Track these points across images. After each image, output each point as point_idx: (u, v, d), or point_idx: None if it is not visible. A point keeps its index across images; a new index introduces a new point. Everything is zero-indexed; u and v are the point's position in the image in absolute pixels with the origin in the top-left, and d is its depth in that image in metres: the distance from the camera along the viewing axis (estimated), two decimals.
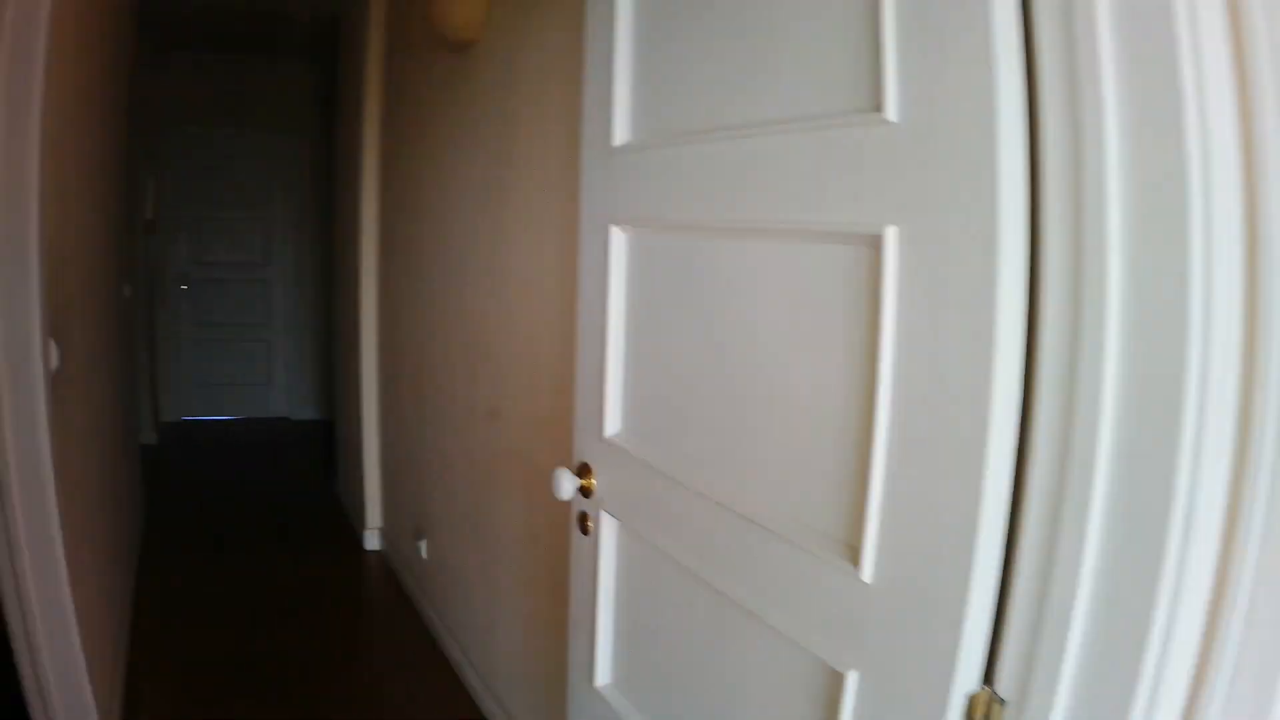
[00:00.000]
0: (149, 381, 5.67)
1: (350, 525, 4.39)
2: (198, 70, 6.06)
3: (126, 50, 3.88)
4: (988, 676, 0.84)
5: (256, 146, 6.38)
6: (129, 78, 4.12)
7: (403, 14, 3.55)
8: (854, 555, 0.94)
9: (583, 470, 1.55)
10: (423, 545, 3.33)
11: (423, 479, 3.37)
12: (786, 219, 1.03)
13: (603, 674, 1.53)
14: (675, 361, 1.29)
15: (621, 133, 1.39)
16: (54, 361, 1.96)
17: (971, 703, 0.84)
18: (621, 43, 1.38)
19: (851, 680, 0.94)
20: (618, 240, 1.39)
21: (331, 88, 5.26)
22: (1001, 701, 0.82)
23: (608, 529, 1.48)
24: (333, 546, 4.17)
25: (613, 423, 1.47)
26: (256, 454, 5.77)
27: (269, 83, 6.27)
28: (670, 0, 1.27)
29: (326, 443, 5.76)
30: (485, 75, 2.50)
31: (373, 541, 4.13)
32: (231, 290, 6.52)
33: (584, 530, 1.55)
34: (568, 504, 1.60)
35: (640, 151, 1.34)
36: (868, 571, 0.92)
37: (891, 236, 0.87)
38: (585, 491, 1.54)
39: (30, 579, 1.90)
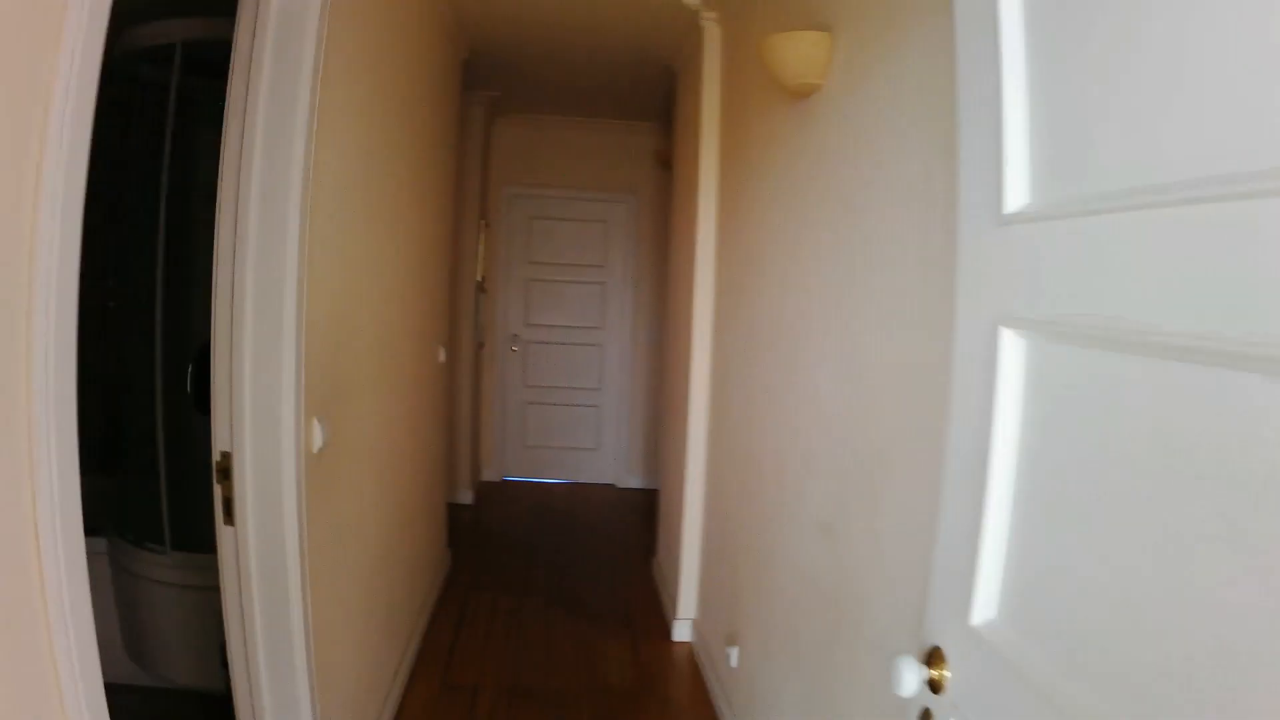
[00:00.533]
0: (471, 441, 5.98)
1: (662, 609, 4.20)
2: (532, 130, 6.40)
3: (451, 113, 4.14)
4: None
5: (592, 208, 6.57)
6: (457, 140, 4.42)
7: (739, 65, 3.38)
8: None
9: (933, 657, 1.11)
10: (733, 653, 3.00)
11: (740, 581, 3.06)
12: None
13: None
14: (1110, 540, 0.83)
15: (1017, 194, 0.98)
16: (317, 442, 1.97)
17: None
18: (1012, 72, 0.97)
19: None
20: (1011, 348, 0.96)
21: (670, 147, 5.28)
22: None
23: None
24: (639, 629, 3.99)
25: (985, 604, 1.02)
26: (575, 519, 5.83)
27: (605, 143, 6.46)
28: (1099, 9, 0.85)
29: (650, 514, 5.70)
30: (829, 126, 2.17)
31: (683, 632, 3.88)
32: (562, 353, 6.70)
33: None
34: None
35: (1050, 220, 0.91)
36: None
37: None
38: (934, 686, 1.10)
39: (264, 669, 1.87)
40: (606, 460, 6.79)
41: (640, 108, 5.93)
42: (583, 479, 6.76)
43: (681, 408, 3.94)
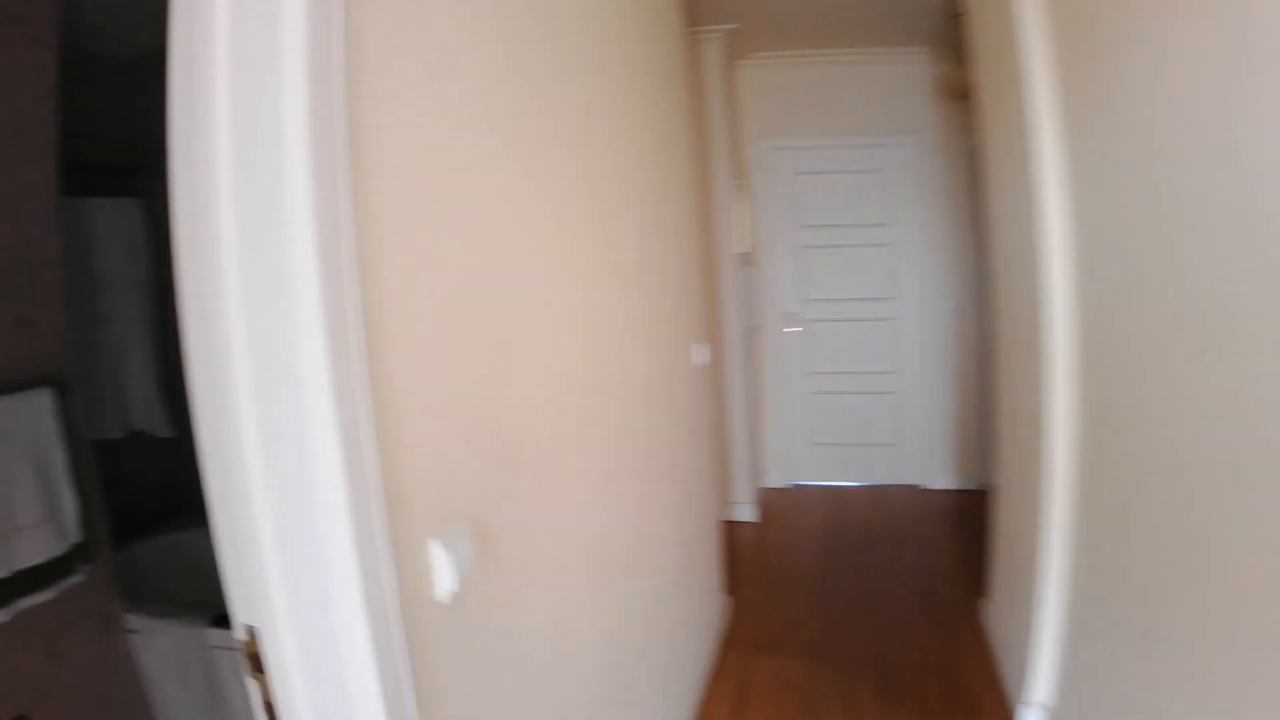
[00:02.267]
0: (749, 444, 5.11)
1: (997, 680, 3.08)
2: (782, 70, 5.32)
3: (673, 48, 3.21)
4: None
5: (864, 156, 5.39)
6: (688, 84, 3.52)
7: None
8: None
9: None
10: None
11: (1151, 663, 1.94)
12: None
13: None
14: None
15: None
16: (447, 582, 1.23)
17: None
18: None
19: None
20: None
21: (959, 72, 4.08)
22: None
23: None
24: (963, 706, 2.92)
25: None
26: (874, 534, 4.75)
27: (872, 77, 5.25)
28: None
29: (968, 523, 4.54)
30: None
31: None
32: (848, 331, 5.60)
33: None
34: None
35: None
36: None
37: None
38: None
39: None
40: (908, 457, 5.63)
41: (909, 30, 4.74)
42: (880, 480, 5.67)
43: (1028, 398, 2.81)
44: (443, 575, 1.23)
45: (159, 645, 2.40)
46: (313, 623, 1.06)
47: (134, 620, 2.41)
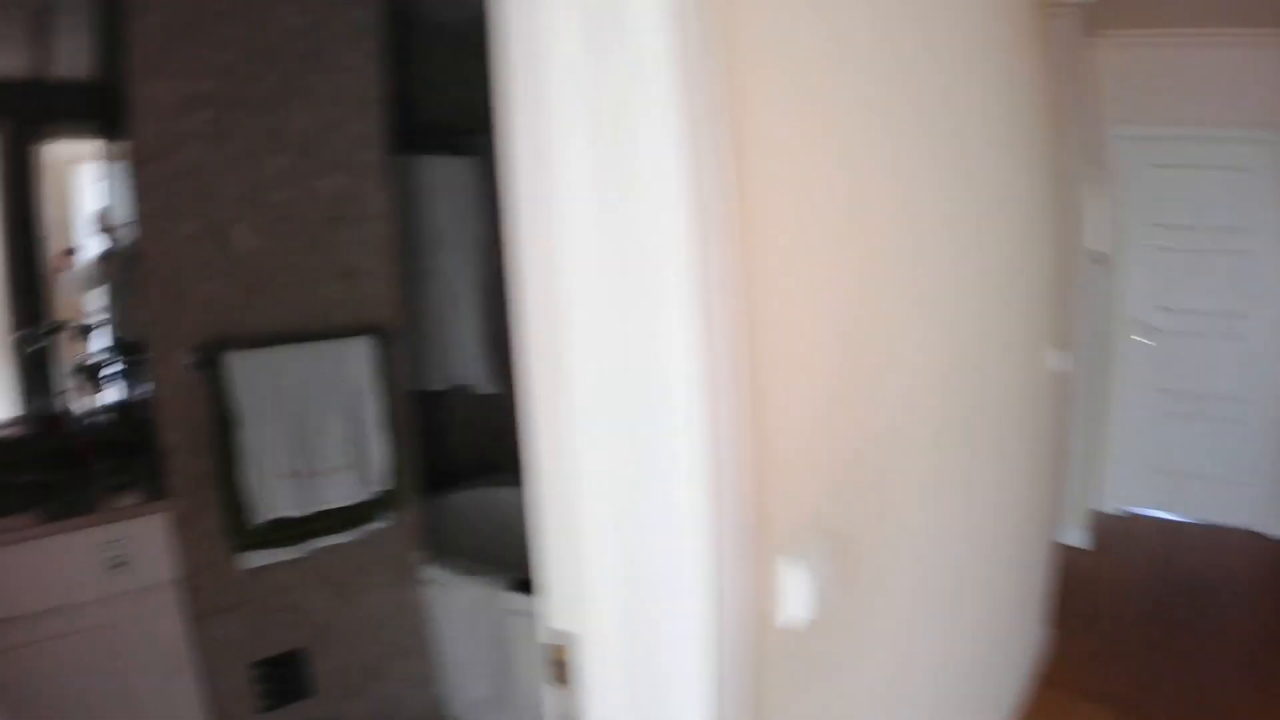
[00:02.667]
0: (1085, 461, 4.40)
1: None
2: (1146, 49, 4.43)
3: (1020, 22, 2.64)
4: None
5: (1233, 154, 4.43)
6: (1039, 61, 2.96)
7: None
8: None
9: None
10: None
11: None
12: None
13: None
14: None
15: None
16: (800, 607, 0.95)
17: None
18: None
19: None
20: None
21: None
22: None
23: None
24: None
25: None
26: (1209, 580, 3.87)
27: (1245, 60, 4.28)
28: None
29: None
30: None
31: None
32: (1198, 348, 4.64)
33: None
34: None
35: None
36: None
37: None
38: None
39: None
40: (1252, 498, 4.58)
41: None
42: (1216, 519, 4.65)
43: None
44: (793, 599, 1.00)
45: (454, 600, 2.41)
46: (644, 641, 0.88)
47: (432, 572, 2.43)
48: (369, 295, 2.26)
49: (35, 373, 2.37)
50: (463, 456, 3.19)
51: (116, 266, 2.28)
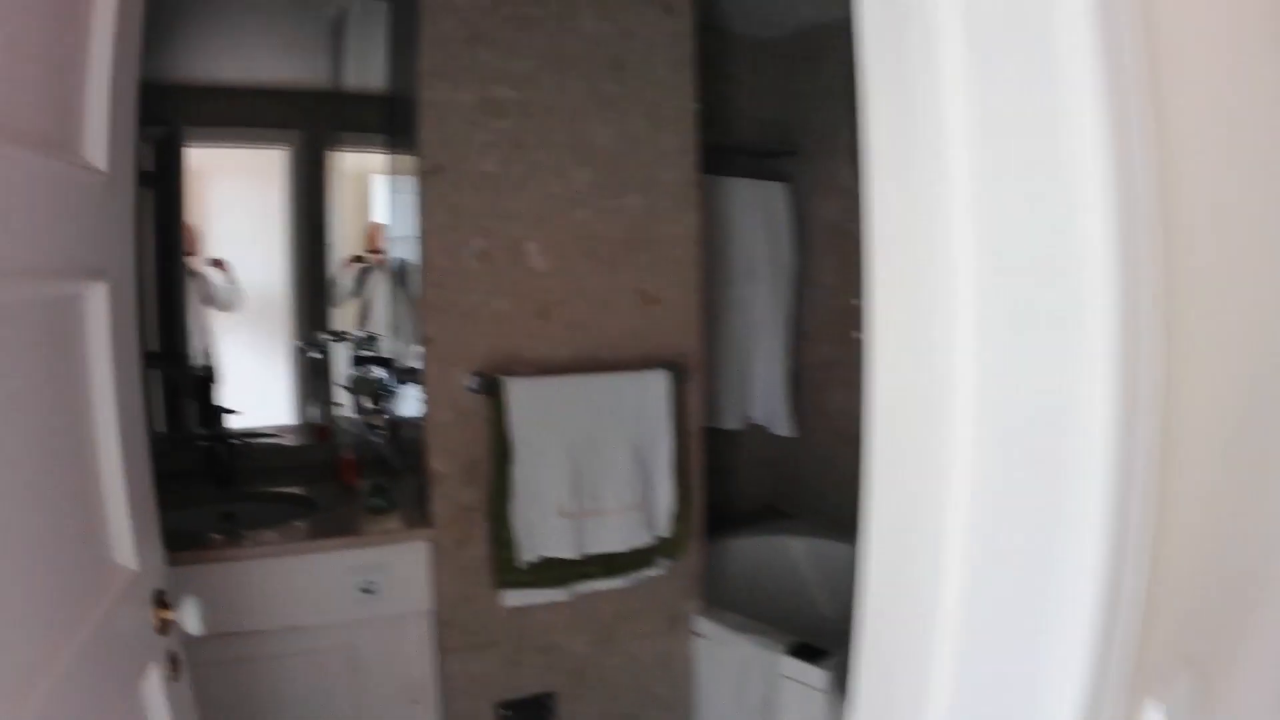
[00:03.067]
0: None
1: None
2: None
3: None
4: None
5: None
6: None
7: None
8: None
9: None
10: None
11: None
12: None
13: None
14: None
15: None
16: None
17: None
18: None
19: None
20: None
21: None
22: None
23: None
24: None
25: None
26: None
27: None
28: None
29: None
30: None
31: None
32: None
33: None
34: None
35: None
36: None
37: None
38: None
39: None
40: None
41: None
42: None
43: None
44: None
45: (723, 657, 2.19)
46: None
47: (704, 624, 2.23)
48: (667, 325, 2.07)
49: (309, 381, 2.45)
50: (748, 500, 2.96)
51: (400, 280, 2.30)
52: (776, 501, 2.99)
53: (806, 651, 1.96)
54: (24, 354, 0.84)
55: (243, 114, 2.30)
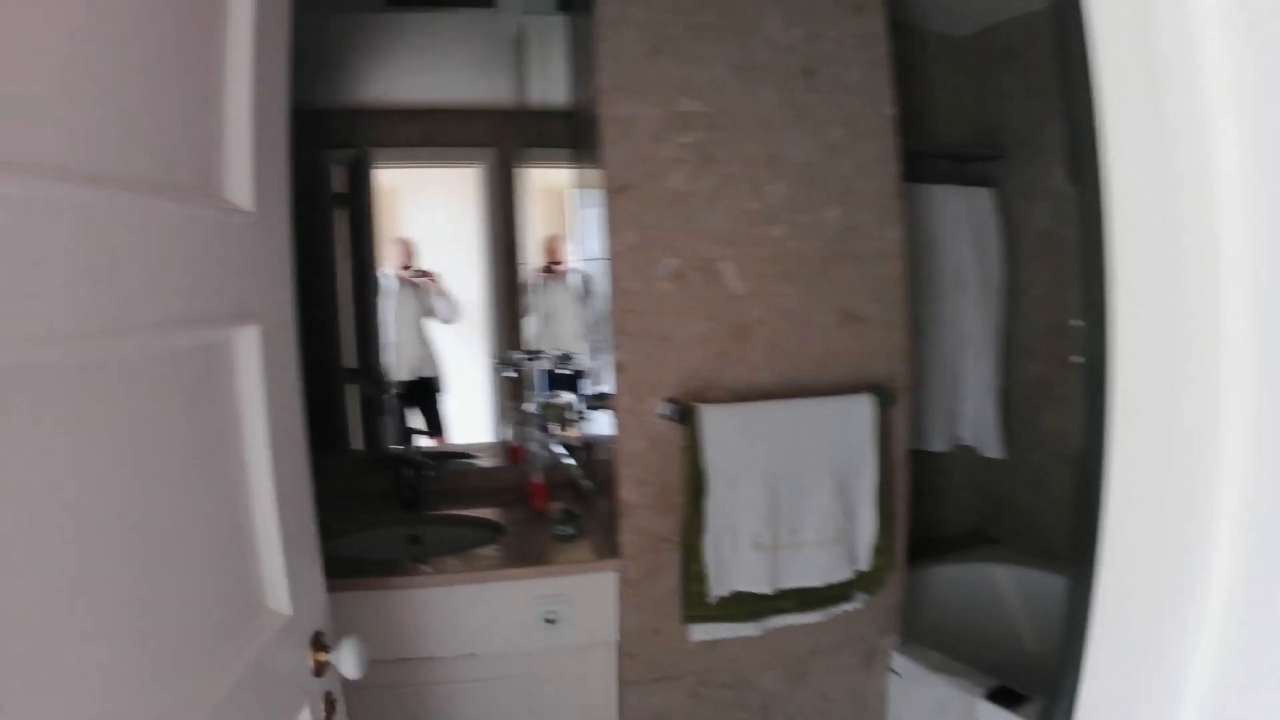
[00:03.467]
0: None
1: None
2: None
3: None
4: None
5: None
6: None
7: None
8: None
9: None
10: None
11: None
12: None
13: None
14: None
15: None
16: None
17: None
18: None
19: None
20: None
21: None
22: None
23: None
24: None
25: None
26: None
27: None
28: None
29: None
30: None
31: None
32: None
33: None
34: None
35: None
36: None
37: None
38: None
39: None
40: None
41: None
42: None
43: None
44: None
45: (919, 696, 2.03)
46: None
47: (900, 661, 2.07)
48: (872, 345, 1.93)
49: (502, 399, 2.47)
50: (953, 526, 2.75)
51: (588, 301, 2.27)
52: (984, 527, 2.77)
53: (1006, 696, 1.81)
54: (170, 405, 0.83)
55: (432, 133, 2.36)
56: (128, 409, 0.76)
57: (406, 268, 2.36)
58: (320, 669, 1.08)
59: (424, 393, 2.46)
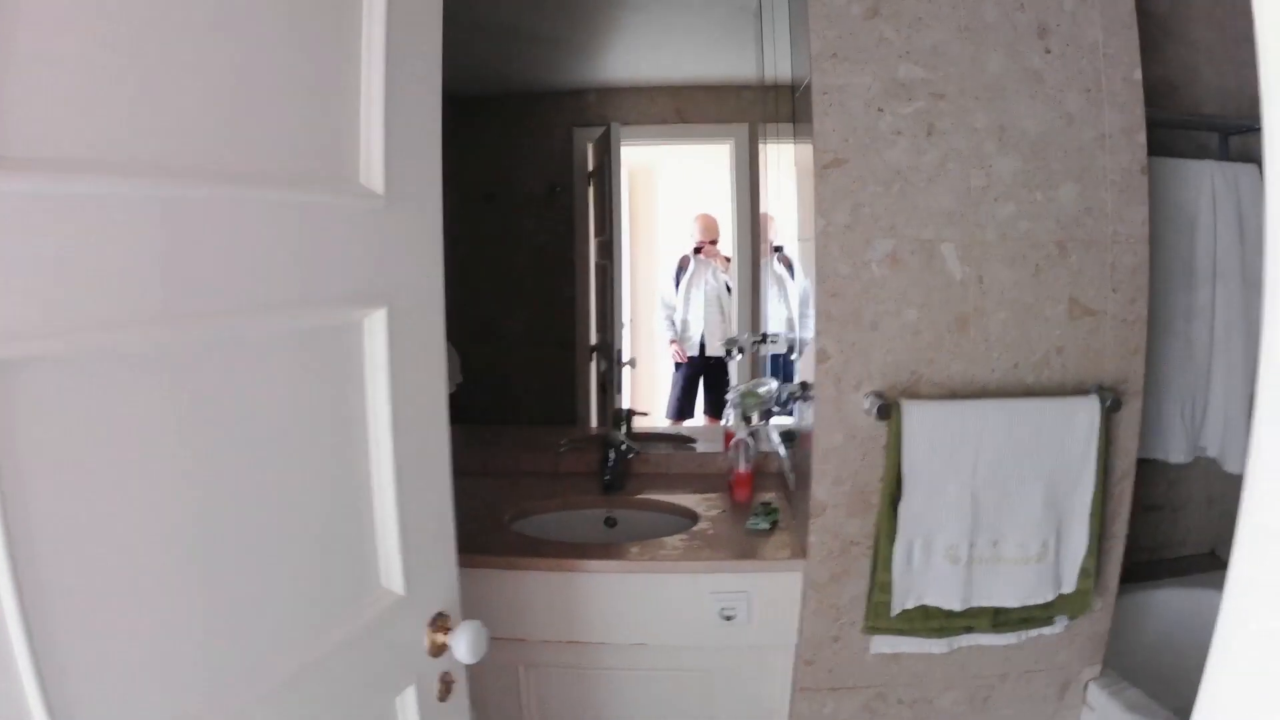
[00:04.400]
0: None
1: None
2: None
3: None
4: None
5: None
6: None
7: None
8: None
9: None
10: None
11: None
12: None
13: None
14: None
15: None
16: None
17: None
18: None
19: None
20: None
21: None
22: None
23: None
24: None
25: None
26: None
27: None
28: None
29: None
30: None
31: None
32: None
33: None
34: None
35: None
36: None
37: None
38: None
39: None
40: None
41: None
42: None
43: None
44: None
45: None
46: None
47: (1097, 696, 1.86)
48: (1104, 339, 1.70)
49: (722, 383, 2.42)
50: (1187, 546, 2.47)
51: (784, 280, 2.16)
52: (1220, 550, 2.47)
53: None
54: (294, 383, 0.88)
55: (684, 110, 2.39)
56: (251, 384, 0.82)
57: (713, 243, 2.40)
58: (438, 649, 1.10)
59: (713, 372, 2.49)
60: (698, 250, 2.44)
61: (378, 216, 0.98)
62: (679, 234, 2.45)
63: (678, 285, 2.46)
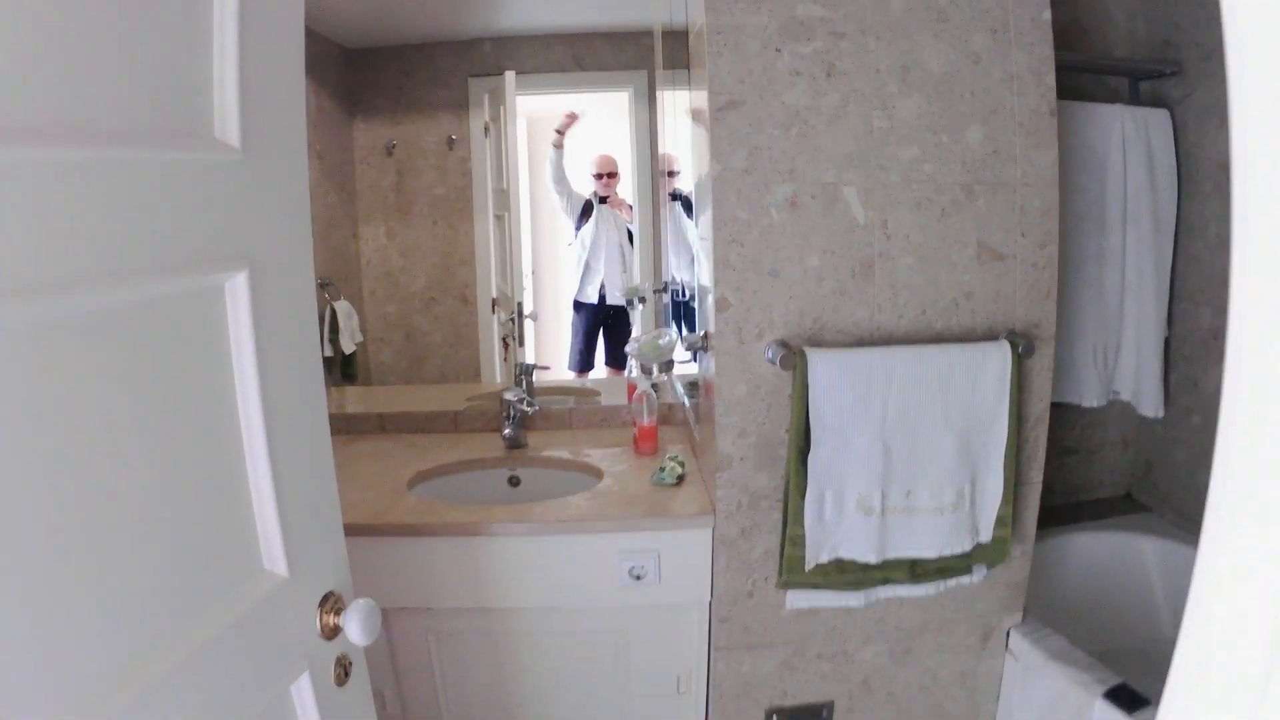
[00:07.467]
0: None
1: None
2: None
3: None
4: None
5: None
6: None
7: None
8: None
9: None
10: None
11: None
12: None
13: None
14: None
15: None
16: None
17: None
18: None
19: None
20: None
21: None
22: None
23: None
24: None
25: None
26: None
27: None
28: None
29: None
30: None
31: None
32: None
33: None
34: None
35: None
36: None
37: None
38: None
39: None
40: None
41: None
42: None
43: None
44: None
45: (1030, 685, 1.83)
46: None
47: (1019, 643, 1.87)
48: (1014, 286, 1.68)
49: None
50: (1102, 489, 2.49)
51: (680, 220, 2.13)
52: (1136, 492, 2.49)
53: (1125, 696, 1.58)
54: (150, 354, 0.81)
55: (581, 58, 2.34)
56: (101, 358, 0.75)
57: (612, 176, 2.38)
58: (331, 632, 1.05)
59: (614, 321, 2.47)
60: (604, 200, 2.41)
61: (235, 172, 0.90)
62: (580, 182, 2.43)
63: (578, 231, 2.44)
